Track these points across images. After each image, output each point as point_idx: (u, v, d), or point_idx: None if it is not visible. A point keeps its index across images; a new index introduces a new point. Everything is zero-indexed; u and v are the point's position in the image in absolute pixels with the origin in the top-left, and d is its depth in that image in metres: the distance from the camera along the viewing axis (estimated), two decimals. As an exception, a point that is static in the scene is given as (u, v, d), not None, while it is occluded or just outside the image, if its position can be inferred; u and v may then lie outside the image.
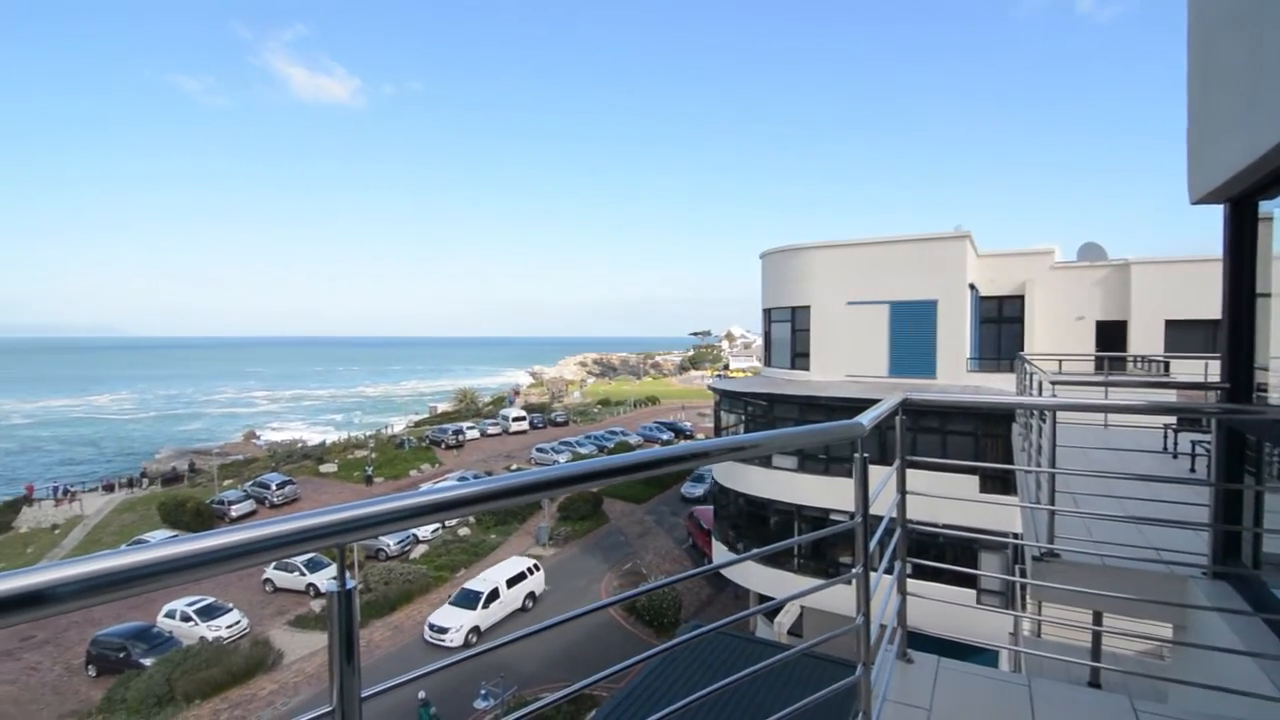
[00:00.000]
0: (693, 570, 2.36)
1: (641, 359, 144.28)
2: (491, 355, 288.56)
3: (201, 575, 0.97)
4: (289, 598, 28.99)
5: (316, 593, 28.74)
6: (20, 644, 25.19)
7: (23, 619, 0.84)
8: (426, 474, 48.71)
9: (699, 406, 75.42)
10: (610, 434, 57.62)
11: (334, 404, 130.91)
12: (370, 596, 26.61)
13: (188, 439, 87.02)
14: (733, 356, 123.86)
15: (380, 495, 1.15)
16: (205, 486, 47.48)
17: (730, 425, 24.21)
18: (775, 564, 21.07)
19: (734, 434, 24.16)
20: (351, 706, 1.13)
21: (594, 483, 1.58)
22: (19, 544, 40.11)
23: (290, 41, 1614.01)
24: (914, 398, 3.38)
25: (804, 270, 22.19)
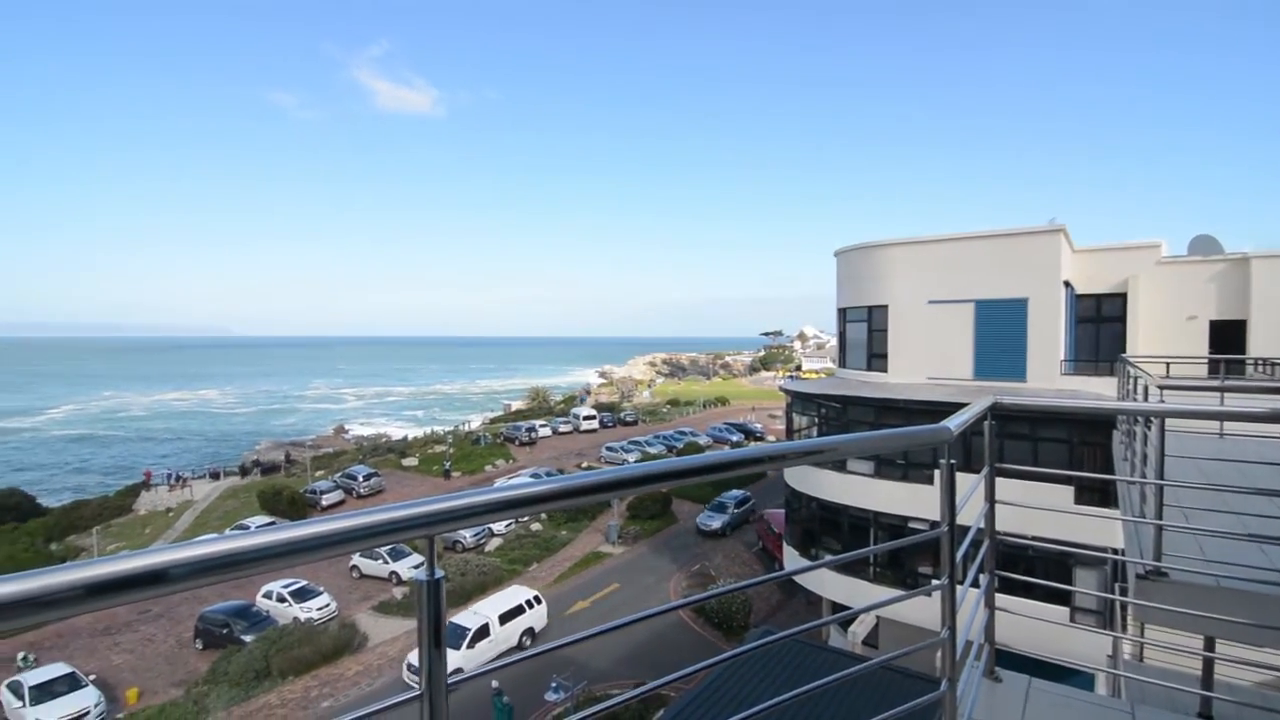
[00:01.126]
0: (766, 575, 2.31)
1: (711, 359, 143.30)
2: (562, 355, 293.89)
3: (303, 561, 1.04)
4: (373, 584, 30.50)
5: (398, 580, 30.11)
6: (138, 616, 27.61)
7: (143, 596, 0.91)
8: (501, 469, 50.14)
9: (770, 408, 74.21)
10: (679, 434, 57.54)
11: (414, 401, 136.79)
12: (448, 586, 27.65)
13: (284, 432, 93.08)
14: (805, 357, 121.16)
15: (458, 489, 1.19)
16: (299, 476, 50.60)
17: (802, 428, 23.68)
18: (850, 572, 20.45)
19: (807, 437, 23.63)
20: (439, 692, 1.18)
21: (665, 483, 1.58)
22: (138, 525, 43.99)
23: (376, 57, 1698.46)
24: (1004, 401, 3.19)
25: (882, 268, 21.44)
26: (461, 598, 27.24)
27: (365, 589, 30.09)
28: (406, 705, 1.17)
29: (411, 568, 30.50)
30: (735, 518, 35.79)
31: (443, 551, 33.13)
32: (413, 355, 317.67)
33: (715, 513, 36.25)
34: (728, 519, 35.48)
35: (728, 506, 36.35)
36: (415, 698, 1.18)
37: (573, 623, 25.26)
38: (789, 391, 24.85)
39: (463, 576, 28.37)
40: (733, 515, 35.77)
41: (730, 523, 35.38)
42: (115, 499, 49.07)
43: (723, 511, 36.14)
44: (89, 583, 0.84)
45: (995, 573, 3.29)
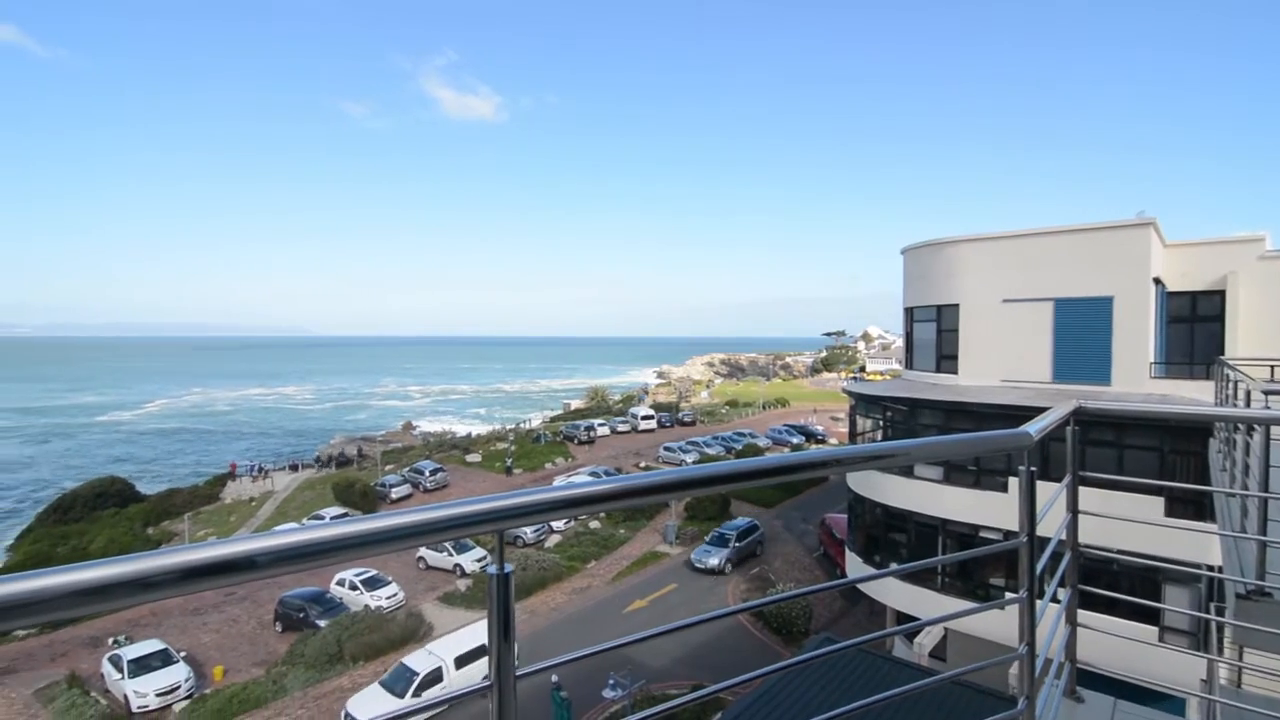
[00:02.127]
0: (829, 582, 2.23)
1: (771, 360, 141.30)
2: (620, 355, 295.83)
3: (378, 552, 1.09)
4: (438, 575, 31.50)
5: (462, 572, 30.99)
6: (225, 598, 29.42)
7: (229, 582, 0.97)
8: (560, 467, 50.87)
9: (832, 410, 72.54)
10: (738, 435, 56.96)
11: (477, 399, 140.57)
12: (487, 582, 28.26)
13: (355, 427, 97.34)
14: (870, 358, 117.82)
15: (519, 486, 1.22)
16: (370, 470, 52.78)
17: (866, 431, 23.03)
18: (916, 581, 19.75)
19: (870, 440, 22.97)
20: (508, 683, 1.21)
21: (726, 486, 1.56)
22: (225, 513, 46.87)
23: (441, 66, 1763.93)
24: (1089, 406, 3.00)
25: (952, 265, 20.61)
26: (521, 593, 27.80)
27: (431, 580, 31.10)
28: (476, 695, 1.20)
29: (474, 561, 31.34)
30: (738, 552, 30.36)
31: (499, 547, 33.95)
32: (476, 354, 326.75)
33: (714, 546, 30.70)
34: (728, 554, 29.95)
35: (729, 539, 30.76)
36: (485, 688, 1.21)
37: (630, 621, 25.38)
38: (852, 393, 24.22)
39: (523, 571, 28.95)
40: (734, 550, 30.28)
41: (732, 558, 29.97)
42: (205, 488, 52.50)
43: (723, 545, 30.58)
44: (183, 568, 0.90)
45: (1077, 587, 3.10)
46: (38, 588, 0.79)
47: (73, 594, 0.81)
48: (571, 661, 1.41)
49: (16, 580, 0.78)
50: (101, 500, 48.87)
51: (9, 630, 0.84)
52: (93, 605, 0.83)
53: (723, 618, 1.99)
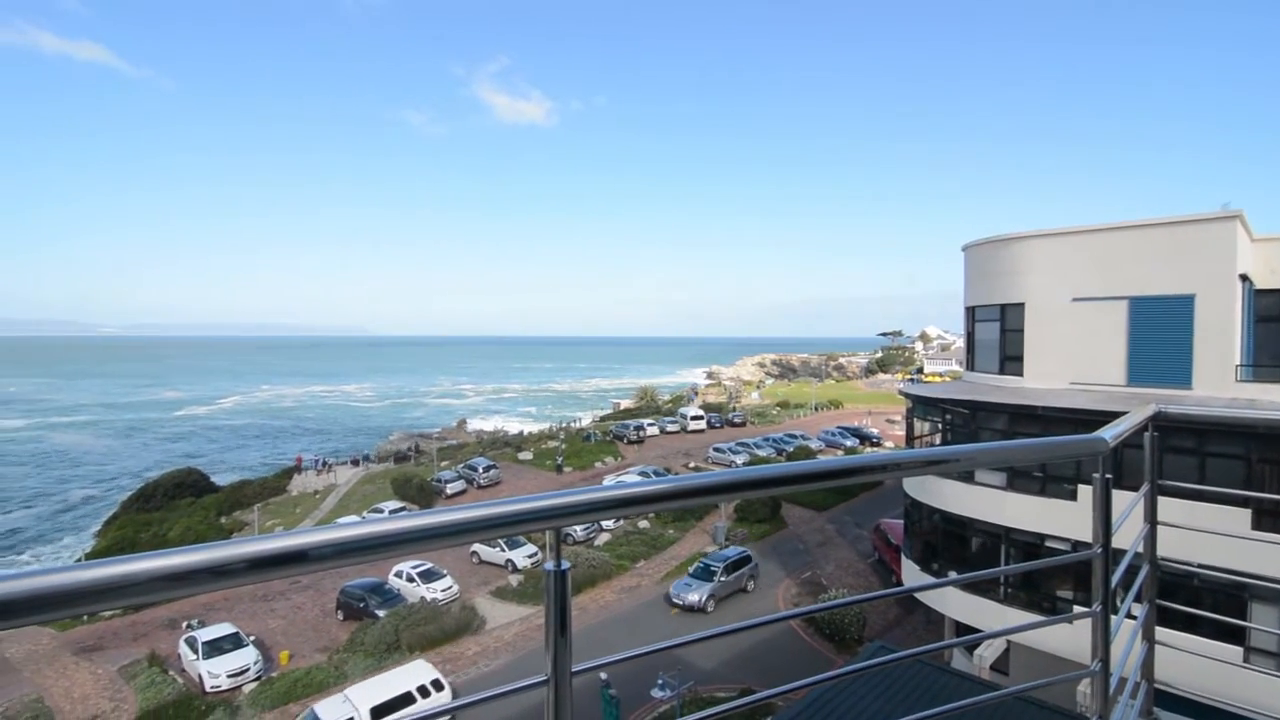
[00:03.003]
0: (886, 590, 2.17)
1: (823, 360, 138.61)
2: (670, 355, 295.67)
3: (438, 546, 1.11)
4: (491, 570, 32.15)
5: (514, 568, 31.54)
6: (290, 586, 30.76)
7: (294, 573, 1.01)
8: (610, 466, 51.19)
9: (887, 412, 70.66)
10: (789, 437, 56.12)
11: (528, 398, 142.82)
12: (544, 578, 28.61)
13: (412, 424, 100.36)
14: (928, 359, 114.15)
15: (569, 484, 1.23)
16: (426, 466, 54.28)
17: (924, 434, 22.32)
18: (977, 591, 19.01)
19: (929, 444, 22.26)
20: (564, 678, 1.23)
21: (779, 489, 1.53)
22: (291, 505, 49.01)
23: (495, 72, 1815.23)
24: (1169, 410, 2.83)
25: (1018, 262, 19.76)
26: (573, 589, 28.03)
27: (484, 574, 31.77)
28: (533, 689, 1.23)
29: (526, 557, 31.86)
30: (724, 587, 26.75)
31: (553, 543, 34.35)
32: (528, 354, 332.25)
33: (697, 579, 27.01)
34: (712, 589, 26.21)
35: (714, 571, 26.88)
36: (542, 683, 1.23)
37: (678, 621, 25.34)
38: (910, 395, 23.52)
39: (573, 569, 29.21)
40: (720, 584, 26.58)
41: (716, 593, 26.33)
42: (272, 480, 55.04)
43: (707, 578, 26.78)
44: (252, 557, 0.94)
45: (1155, 602, 2.92)
46: (127, 572, 0.84)
47: (157, 579, 0.86)
48: (626, 660, 1.41)
49: (108, 565, 0.84)
50: (179, 490, 51.90)
51: (101, 610, 0.90)
52: (174, 590, 0.88)
53: (774, 623, 1.96)
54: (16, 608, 0.77)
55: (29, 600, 0.77)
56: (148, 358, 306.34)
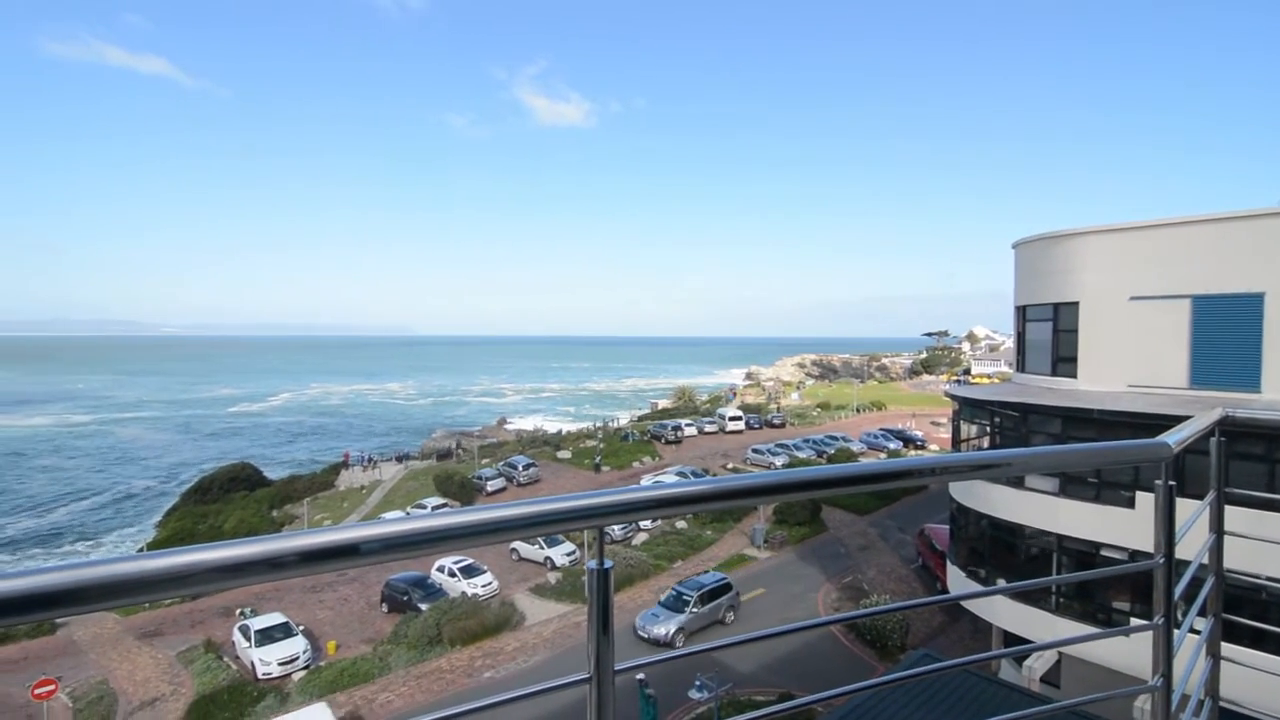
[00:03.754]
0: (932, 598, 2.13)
1: (865, 361, 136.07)
2: (708, 355, 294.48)
3: (483, 543, 1.13)
4: (530, 567, 32.53)
5: (552, 565, 31.86)
6: (338, 578, 31.68)
7: (341, 566, 1.03)
8: (647, 466, 51.24)
9: (932, 414, 68.93)
10: (830, 439, 55.26)
11: (566, 397, 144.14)
12: (588, 576, 28.76)
13: (454, 422, 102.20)
14: (975, 360, 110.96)
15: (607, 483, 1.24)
16: (468, 463, 55.24)
17: (971, 438, 21.71)
18: (1027, 600, 18.39)
19: (976, 448, 21.64)
20: (606, 676, 1.24)
21: (820, 492, 1.51)
22: (338, 500, 50.48)
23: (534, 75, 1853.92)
24: (1238, 415, 2.69)
25: (1072, 260, 19.04)
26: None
27: (523, 571, 32.16)
28: (575, 686, 1.24)
29: (565, 555, 32.15)
30: (698, 619, 23.96)
31: (591, 541, 34.54)
32: (565, 354, 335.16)
33: (666, 609, 24.29)
34: (683, 620, 23.52)
35: (688, 601, 24.09)
36: (584, 680, 1.23)
37: (718, 623, 25.18)
38: (956, 397, 22.89)
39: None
40: (692, 615, 23.78)
41: (686, 626, 23.54)
42: (321, 475, 56.78)
43: (678, 608, 24.05)
44: (303, 550, 0.97)
45: (1221, 616, 2.77)
46: (189, 562, 0.88)
47: (216, 570, 0.89)
48: (667, 661, 1.41)
49: (171, 555, 0.88)
50: (234, 484, 53.99)
51: (164, 599, 0.95)
52: (231, 580, 0.92)
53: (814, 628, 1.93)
54: (89, 594, 0.81)
55: (100, 587, 0.82)
56: (203, 356, 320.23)
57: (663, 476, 43.44)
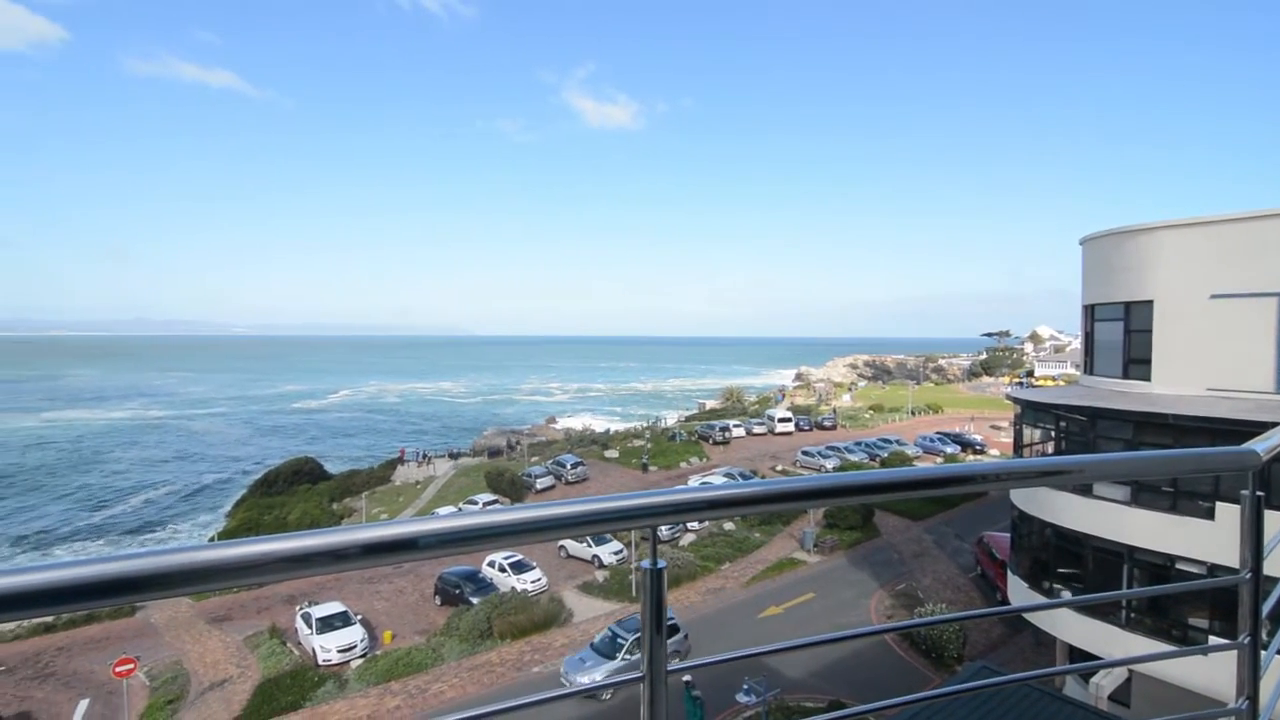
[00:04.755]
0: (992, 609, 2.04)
1: (921, 362, 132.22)
2: (756, 355, 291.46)
3: (539, 540, 1.15)
4: (578, 565, 32.85)
5: (600, 564, 32.09)
6: (393, 570, 32.67)
7: (401, 559, 1.06)
8: (695, 467, 51.05)
9: (992, 418, 66.47)
10: (883, 442, 53.90)
11: (612, 397, 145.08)
12: (637, 578, 28.81)
13: (504, 421, 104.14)
14: (1038, 361, 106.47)
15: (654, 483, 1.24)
16: (518, 461, 56.18)
17: (1035, 442, 20.83)
18: (1095, 614, 17.51)
19: (1040, 453, 20.75)
20: (659, 676, 1.25)
21: (873, 496, 1.47)
22: (393, 494, 52.06)
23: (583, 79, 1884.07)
24: (1334, 423, 2.49)
25: (1145, 256, 18.04)
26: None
27: (570, 568, 32.50)
28: (629, 684, 1.25)
29: (612, 554, 32.34)
30: (633, 665, 16.05)
31: (639, 541, 34.53)
32: (613, 354, 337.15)
33: (597, 653, 21.22)
34: (614, 668, 19.97)
35: (621, 644, 20.80)
36: (638, 679, 1.24)
37: (765, 627, 24.91)
38: (1019, 400, 21.98)
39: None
40: (627, 663, 20.15)
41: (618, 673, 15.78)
42: (378, 471, 58.69)
43: (608, 653, 20.84)
44: (365, 543, 1.00)
45: (1315, 638, 2.57)
46: (259, 552, 0.93)
47: (283, 560, 0.94)
48: (720, 663, 1.41)
49: (243, 545, 0.93)
50: (297, 477, 56.36)
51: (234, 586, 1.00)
52: (297, 571, 0.96)
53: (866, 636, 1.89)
54: (173, 579, 0.87)
55: (183, 573, 0.87)
56: (267, 355, 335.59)
57: (710, 477, 43.21)
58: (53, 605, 0.82)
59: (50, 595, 0.81)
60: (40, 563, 0.84)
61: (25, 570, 0.80)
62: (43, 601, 0.81)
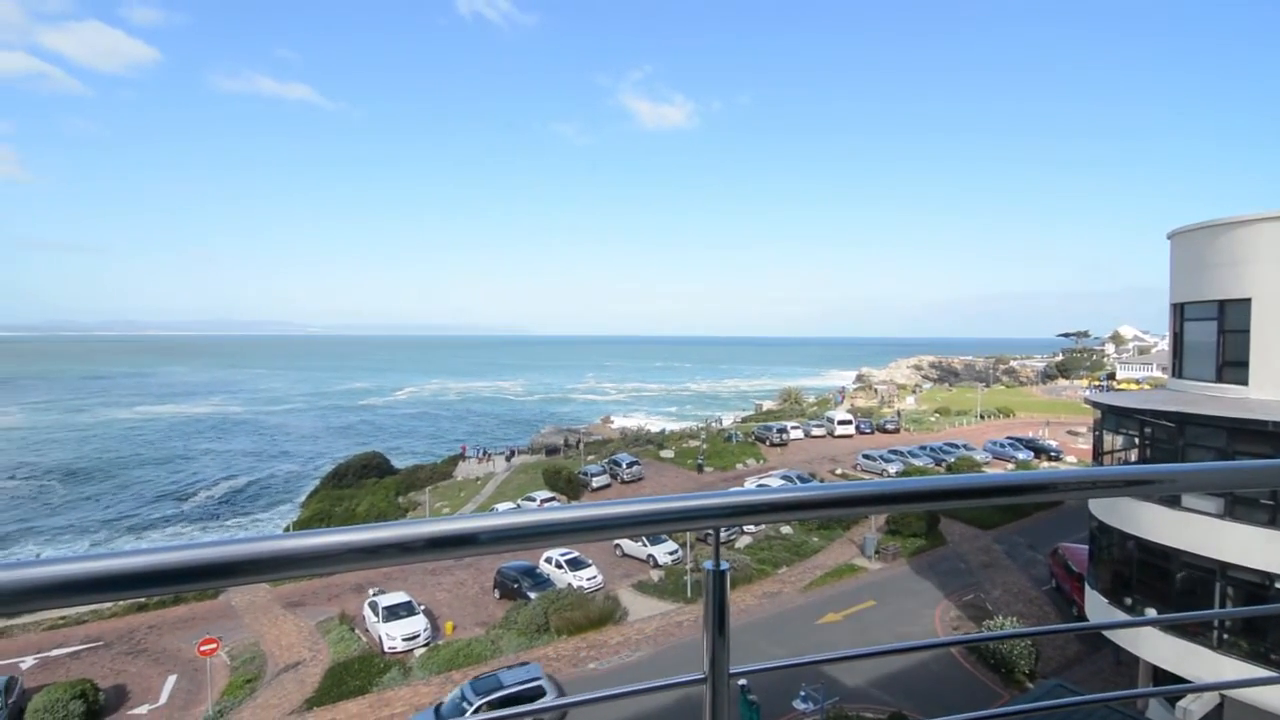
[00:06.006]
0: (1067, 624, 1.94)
1: (991, 363, 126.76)
2: (814, 356, 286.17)
3: (596, 539, 1.18)
4: (633, 563, 33.01)
5: (655, 563, 32.15)
6: (455, 562, 33.65)
7: (464, 553, 1.11)
8: (752, 469, 50.48)
9: (1068, 423, 63.12)
10: (950, 446, 51.94)
11: (667, 397, 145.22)
12: (698, 576, 28.72)
13: (561, 419, 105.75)
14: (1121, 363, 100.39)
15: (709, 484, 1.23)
16: (574, 459, 56.87)
17: (1117, 450, 19.65)
18: (1183, 633, 16.38)
19: (1122, 461, 19.57)
20: (721, 678, 1.25)
21: (938, 503, 1.42)
22: (455, 490, 53.57)
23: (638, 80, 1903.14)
24: None
25: (1243, 251, 16.76)
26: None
27: (626, 567, 32.68)
28: (691, 686, 1.25)
29: (667, 553, 32.35)
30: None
31: (695, 542, 34.34)
32: (668, 354, 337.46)
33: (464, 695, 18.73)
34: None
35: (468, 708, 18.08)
36: (699, 680, 1.24)
37: (823, 634, 24.41)
38: (1099, 404, 20.77)
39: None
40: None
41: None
42: (441, 466, 60.55)
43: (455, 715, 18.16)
44: (430, 537, 1.04)
45: None
46: (332, 543, 0.98)
47: (356, 550, 0.99)
48: (783, 668, 1.39)
49: (317, 535, 0.98)
50: (365, 471, 58.74)
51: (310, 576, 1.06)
52: (367, 562, 1.00)
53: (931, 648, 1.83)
54: (262, 565, 0.94)
55: (271, 560, 0.94)
56: (338, 353, 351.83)
57: (767, 480, 42.66)
58: (153, 587, 0.89)
59: (151, 578, 0.88)
60: (142, 547, 0.92)
61: (129, 554, 0.88)
62: (144, 583, 0.88)
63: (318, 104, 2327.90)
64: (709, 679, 1.24)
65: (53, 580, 0.84)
